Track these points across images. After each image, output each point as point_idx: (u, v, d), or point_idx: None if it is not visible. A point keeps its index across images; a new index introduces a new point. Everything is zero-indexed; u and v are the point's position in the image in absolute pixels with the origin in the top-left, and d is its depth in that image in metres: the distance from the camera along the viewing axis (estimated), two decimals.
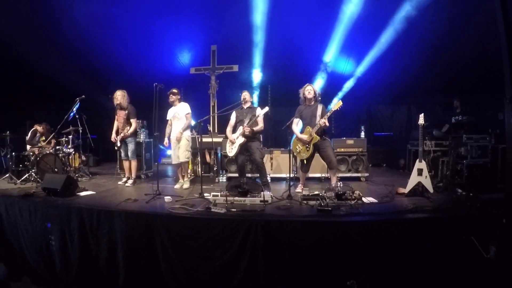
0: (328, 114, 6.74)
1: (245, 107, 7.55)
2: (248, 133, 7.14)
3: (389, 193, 6.70)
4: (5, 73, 12.19)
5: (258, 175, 7.70)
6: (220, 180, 8.92)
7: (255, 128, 7.18)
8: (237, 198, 5.92)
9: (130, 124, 8.24)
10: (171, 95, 7.96)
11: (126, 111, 8.21)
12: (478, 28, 9.38)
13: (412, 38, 10.25)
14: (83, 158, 10.57)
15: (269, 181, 7.85)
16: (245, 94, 7.56)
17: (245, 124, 7.21)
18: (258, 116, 7.17)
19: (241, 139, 7.21)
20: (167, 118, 8.16)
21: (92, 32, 10.85)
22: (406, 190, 6.45)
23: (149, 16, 10.74)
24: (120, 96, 8.17)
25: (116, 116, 8.39)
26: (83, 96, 8.69)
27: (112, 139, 8.41)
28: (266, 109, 7.16)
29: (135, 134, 8.53)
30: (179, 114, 7.95)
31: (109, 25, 10.75)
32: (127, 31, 11.12)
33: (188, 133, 7.95)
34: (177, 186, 8.01)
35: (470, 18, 9.31)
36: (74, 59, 11.74)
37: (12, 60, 11.63)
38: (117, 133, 8.32)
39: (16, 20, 10.38)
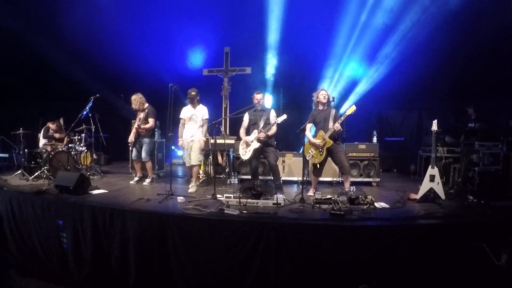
0: (342, 118, 6.74)
1: (258, 109, 7.48)
2: (263, 138, 7.12)
3: (401, 198, 6.69)
4: (18, 70, 12.38)
5: (271, 177, 7.72)
6: (232, 182, 8.91)
7: (269, 133, 7.12)
8: (250, 200, 5.92)
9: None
10: (189, 97, 7.77)
11: (145, 112, 8.23)
12: (487, 34, 9.39)
13: (423, 43, 10.24)
14: (95, 156, 10.61)
15: (282, 184, 7.78)
16: (259, 96, 7.44)
17: (260, 128, 7.18)
18: (275, 123, 7.09)
19: (256, 144, 7.16)
20: (181, 117, 7.94)
21: (106, 32, 10.97)
22: (418, 196, 6.45)
23: (163, 18, 10.82)
24: (136, 101, 8.22)
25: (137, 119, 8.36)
26: (98, 95, 8.65)
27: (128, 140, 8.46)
28: (284, 117, 6.99)
29: (152, 134, 8.50)
30: (197, 117, 7.80)
31: (122, 25, 10.83)
32: (141, 32, 11.22)
33: (200, 136, 7.75)
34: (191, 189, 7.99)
35: (480, 23, 9.29)
36: (87, 58, 11.86)
37: (24, 57, 11.80)
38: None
39: (29, 19, 10.50)
